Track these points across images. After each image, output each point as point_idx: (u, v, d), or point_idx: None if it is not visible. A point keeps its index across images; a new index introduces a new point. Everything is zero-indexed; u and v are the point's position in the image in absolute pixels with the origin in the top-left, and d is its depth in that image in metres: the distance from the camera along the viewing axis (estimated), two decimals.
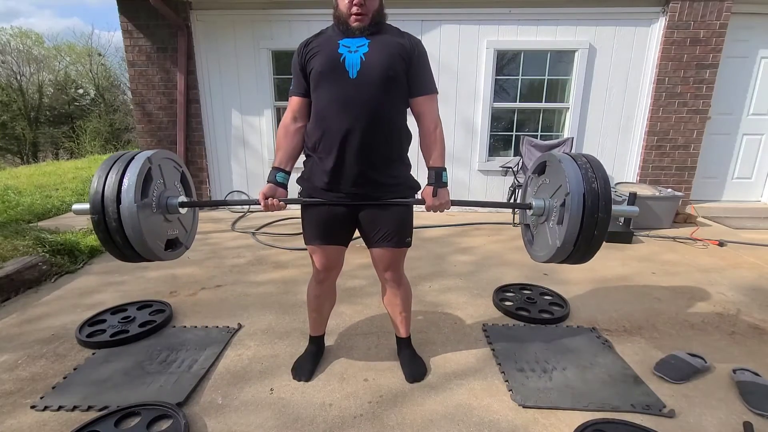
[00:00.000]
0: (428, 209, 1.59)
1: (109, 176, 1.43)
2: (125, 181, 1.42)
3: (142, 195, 1.46)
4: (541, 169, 1.69)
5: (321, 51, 1.50)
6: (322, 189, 1.59)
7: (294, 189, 1.59)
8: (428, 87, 1.59)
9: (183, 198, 1.69)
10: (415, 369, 1.85)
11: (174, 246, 1.72)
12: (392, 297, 1.83)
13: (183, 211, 1.69)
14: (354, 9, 1.41)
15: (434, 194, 1.55)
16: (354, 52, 1.46)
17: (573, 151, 4.45)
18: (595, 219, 1.42)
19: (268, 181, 1.58)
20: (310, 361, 1.89)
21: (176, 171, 1.73)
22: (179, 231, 1.74)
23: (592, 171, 1.45)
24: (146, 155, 1.50)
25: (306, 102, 1.60)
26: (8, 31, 19.50)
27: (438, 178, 1.56)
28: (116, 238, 1.45)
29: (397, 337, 1.95)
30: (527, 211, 1.72)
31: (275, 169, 1.59)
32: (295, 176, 1.67)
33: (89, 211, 1.43)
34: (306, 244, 1.72)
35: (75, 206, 1.52)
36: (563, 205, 1.47)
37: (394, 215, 1.63)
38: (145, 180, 1.49)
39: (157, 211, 1.57)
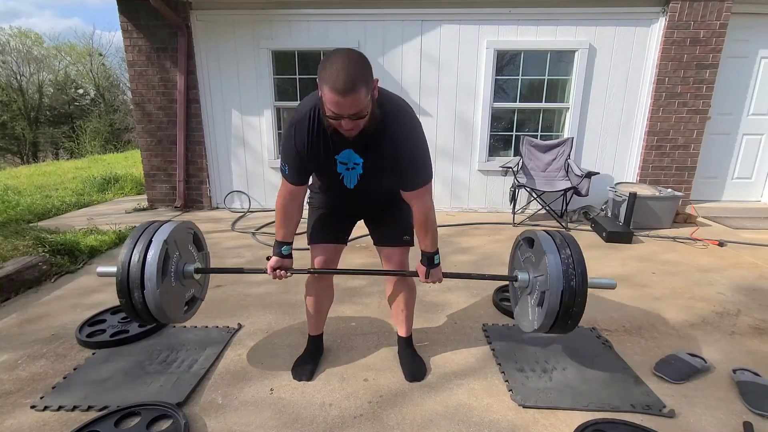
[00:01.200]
0: (422, 282, 1.75)
1: (132, 264, 1.56)
2: (146, 269, 1.55)
3: (163, 274, 1.59)
4: (529, 243, 1.76)
5: (323, 163, 1.52)
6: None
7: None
8: (420, 182, 1.52)
9: (198, 264, 1.83)
10: (415, 368, 1.86)
11: (191, 303, 1.86)
12: (395, 294, 1.89)
13: (197, 276, 1.82)
14: (344, 130, 1.33)
15: (427, 275, 1.70)
16: (351, 170, 1.54)
17: (573, 151, 4.45)
18: (569, 312, 1.56)
19: (275, 255, 1.68)
20: (311, 361, 1.91)
21: (189, 234, 1.82)
22: (195, 288, 1.88)
23: (573, 266, 1.54)
24: (163, 238, 1.60)
25: (303, 188, 1.62)
26: (8, 30, 19.52)
27: (430, 261, 1.69)
28: (143, 315, 1.62)
29: (398, 336, 1.98)
30: (513, 282, 1.85)
31: (280, 243, 1.67)
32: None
33: (117, 295, 1.58)
34: (309, 244, 1.81)
35: (99, 269, 1.70)
36: (543, 293, 1.59)
37: (393, 216, 1.76)
38: (165, 258, 1.61)
39: (175, 282, 1.69)
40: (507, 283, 2.75)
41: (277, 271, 1.67)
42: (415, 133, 1.47)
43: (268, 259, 1.71)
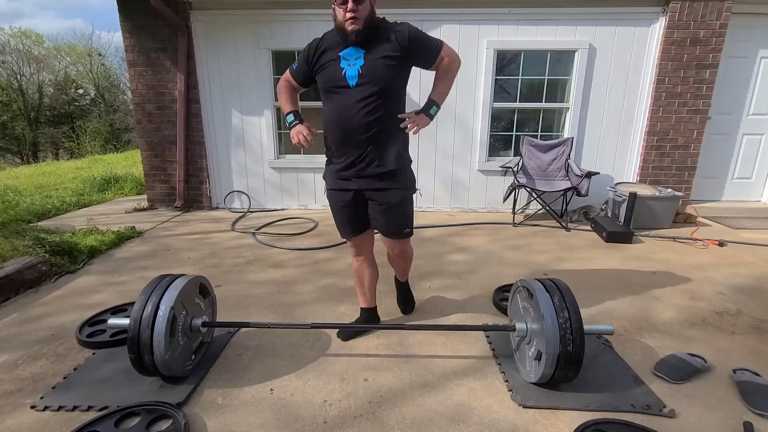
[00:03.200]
0: (405, 117, 1.84)
1: (142, 329, 1.61)
2: (155, 337, 1.61)
3: (171, 335, 1.64)
4: (529, 294, 1.78)
5: (327, 65, 1.81)
6: (339, 180, 1.93)
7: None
8: (434, 51, 1.84)
9: (204, 318, 1.88)
10: (407, 302, 2.39)
11: (198, 351, 1.91)
12: (395, 259, 2.20)
13: (204, 329, 1.88)
14: (348, 15, 1.69)
15: (417, 119, 1.84)
16: (353, 66, 1.77)
17: (573, 151, 4.45)
18: (565, 372, 1.62)
19: (298, 122, 1.89)
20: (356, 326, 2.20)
21: (194, 287, 1.85)
22: (202, 335, 1.95)
23: (571, 332, 1.59)
24: (170, 304, 1.65)
25: (298, 88, 2.00)
26: (8, 31, 19.53)
27: (427, 108, 1.86)
28: (152, 371, 1.68)
29: (396, 279, 2.39)
30: (511, 333, 1.92)
31: (294, 114, 1.92)
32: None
33: (128, 350, 1.64)
34: (342, 237, 2.11)
35: (110, 320, 1.79)
36: (538, 358, 1.66)
37: (394, 212, 1.94)
38: (172, 320, 1.66)
39: (183, 339, 1.75)
40: (507, 283, 2.76)
41: (305, 133, 1.84)
42: (414, 27, 1.82)
43: (289, 127, 1.89)
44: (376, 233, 2.10)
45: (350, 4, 1.67)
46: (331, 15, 1.76)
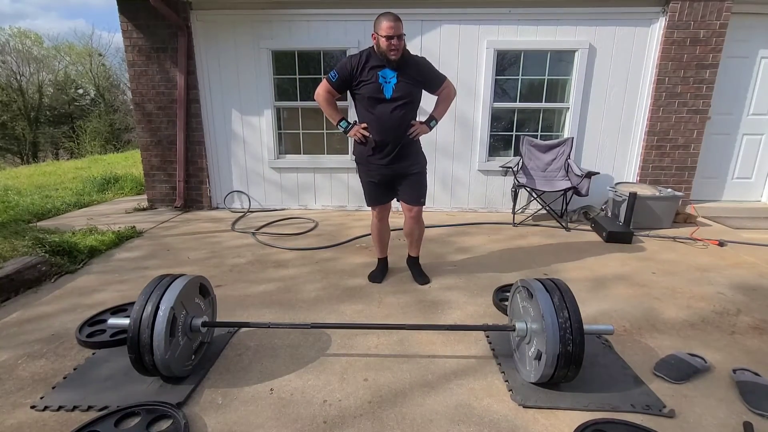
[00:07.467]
0: (414, 124, 2.52)
1: (142, 329, 1.62)
2: (155, 337, 1.61)
3: (171, 335, 1.65)
4: (529, 294, 1.79)
5: (369, 80, 2.38)
6: (373, 164, 2.55)
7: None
8: (439, 82, 2.56)
9: (204, 318, 1.90)
10: (423, 277, 2.81)
11: (198, 350, 1.91)
12: (411, 229, 2.74)
13: (204, 329, 1.89)
14: (393, 47, 2.28)
15: (420, 123, 2.54)
16: (388, 83, 2.39)
17: (573, 150, 4.45)
18: (565, 372, 1.63)
19: (351, 127, 2.52)
20: (381, 273, 2.87)
21: (194, 287, 1.86)
22: (202, 335, 1.95)
23: (570, 332, 1.59)
24: (170, 304, 1.65)
25: (336, 95, 2.54)
26: (7, 30, 19.53)
27: (428, 121, 2.57)
28: (152, 371, 1.68)
29: (409, 255, 2.90)
30: (511, 332, 1.94)
31: (345, 121, 2.54)
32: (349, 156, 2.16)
33: (128, 350, 1.63)
34: (368, 205, 2.73)
35: (110, 320, 1.80)
36: (538, 358, 1.67)
37: (413, 186, 2.60)
38: (172, 320, 1.66)
39: (183, 339, 1.75)
40: (507, 283, 2.76)
41: (362, 131, 2.48)
42: (427, 61, 2.53)
43: (345, 132, 2.53)
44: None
45: (395, 41, 2.27)
46: (373, 41, 2.37)
